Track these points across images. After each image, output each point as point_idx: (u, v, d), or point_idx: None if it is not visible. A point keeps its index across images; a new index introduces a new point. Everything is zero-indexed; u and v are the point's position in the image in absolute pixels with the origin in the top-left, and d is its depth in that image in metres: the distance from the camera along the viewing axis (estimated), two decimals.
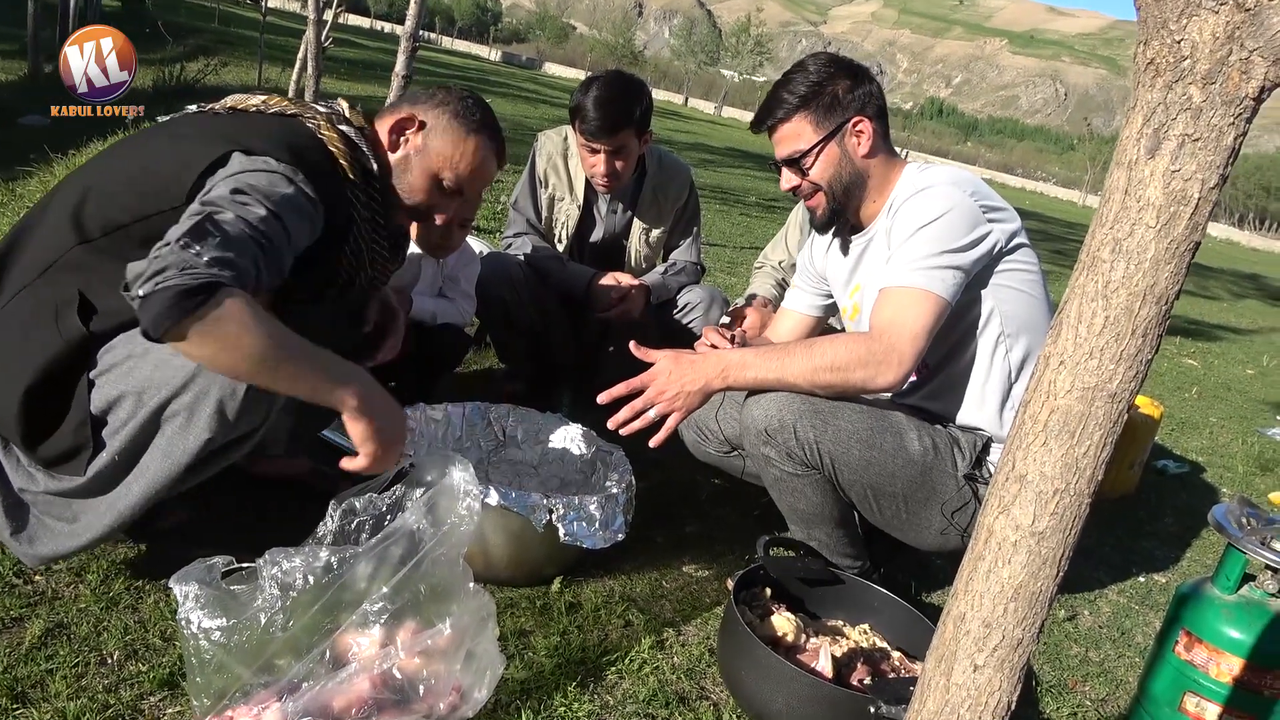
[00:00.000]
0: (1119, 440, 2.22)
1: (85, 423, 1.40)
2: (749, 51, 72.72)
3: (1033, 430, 0.72)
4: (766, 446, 1.78)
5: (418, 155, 1.66)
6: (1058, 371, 0.70)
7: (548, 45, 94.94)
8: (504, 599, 1.75)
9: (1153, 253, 0.65)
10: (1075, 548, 0.73)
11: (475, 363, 3.00)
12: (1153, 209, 0.65)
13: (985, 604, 0.75)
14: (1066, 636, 2.11)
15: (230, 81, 10.06)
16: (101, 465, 1.40)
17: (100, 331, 1.41)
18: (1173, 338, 7.19)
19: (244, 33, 15.15)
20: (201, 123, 1.52)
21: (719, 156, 15.83)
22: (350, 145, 1.57)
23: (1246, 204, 71.39)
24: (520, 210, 2.71)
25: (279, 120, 1.54)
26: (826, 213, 1.92)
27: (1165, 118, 0.64)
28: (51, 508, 1.46)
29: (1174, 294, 0.67)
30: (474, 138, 1.68)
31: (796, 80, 1.86)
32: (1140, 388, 0.70)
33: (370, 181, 1.61)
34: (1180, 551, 2.79)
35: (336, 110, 1.64)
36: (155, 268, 1.20)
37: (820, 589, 1.82)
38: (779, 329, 2.23)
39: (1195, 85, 0.62)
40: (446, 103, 1.68)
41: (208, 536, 1.70)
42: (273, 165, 1.40)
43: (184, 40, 12.99)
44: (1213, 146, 0.63)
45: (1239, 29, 0.60)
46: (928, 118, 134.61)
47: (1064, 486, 0.71)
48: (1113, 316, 0.67)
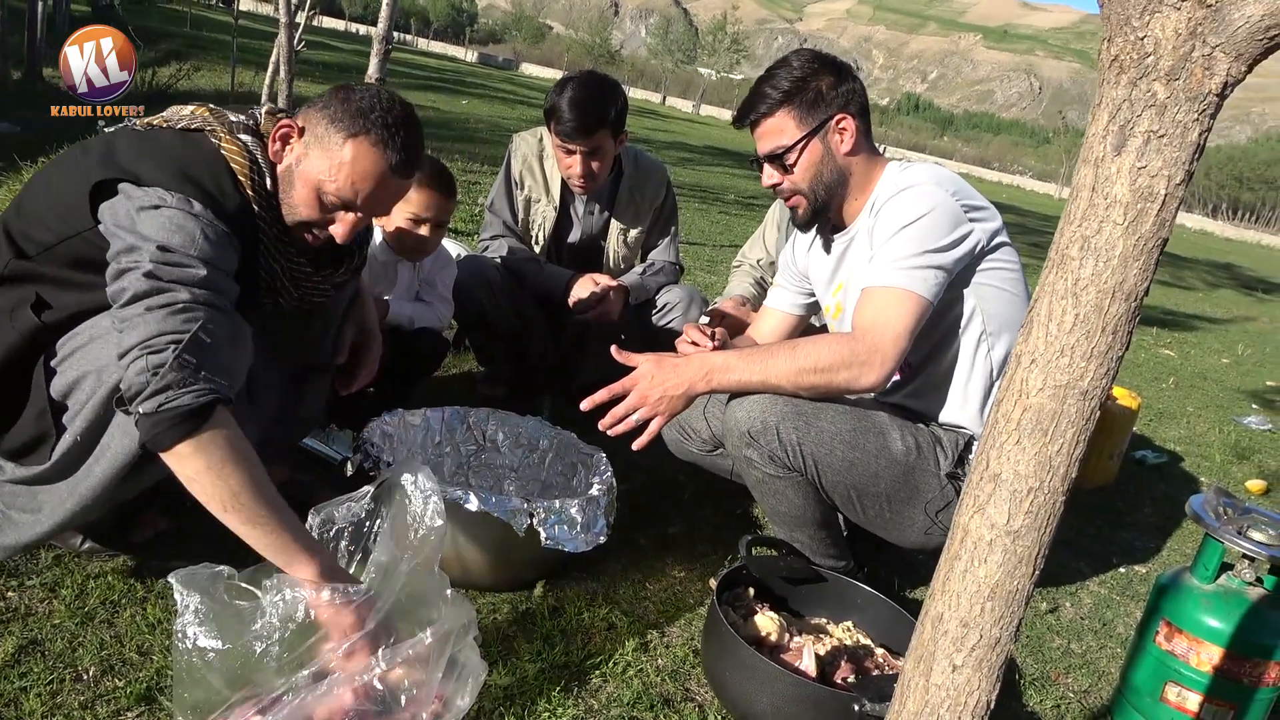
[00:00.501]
0: (1097, 431, 2.23)
1: (45, 411, 1.39)
2: (725, 50, 72.82)
3: (1006, 429, 0.72)
4: (749, 449, 1.77)
5: (298, 166, 1.49)
6: (1029, 370, 0.70)
7: (524, 46, 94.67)
8: (486, 604, 1.74)
9: (1121, 249, 0.65)
10: (1052, 544, 0.72)
11: (454, 366, 2.99)
12: (1120, 206, 0.65)
13: (962, 604, 0.75)
14: (1049, 629, 2.13)
15: (204, 86, 9.96)
16: (65, 448, 1.39)
17: (52, 323, 1.41)
18: (1149, 328, 7.25)
19: (217, 36, 15.02)
20: (111, 141, 1.46)
21: (698, 155, 15.84)
22: (250, 157, 1.48)
23: (1220, 194, 72.22)
24: (496, 213, 2.70)
25: (181, 138, 1.46)
26: (808, 210, 1.91)
27: (1130, 114, 0.64)
28: (16, 499, 1.44)
29: (1143, 290, 0.67)
30: (350, 144, 1.46)
31: (780, 76, 1.85)
32: (1111, 384, 0.70)
33: (272, 196, 1.52)
34: (1160, 541, 2.81)
35: (252, 117, 1.54)
36: (157, 385, 1.24)
37: (803, 587, 1.82)
38: (761, 328, 2.22)
39: (1159, 82, 0.62)
40: (330, 104, 1.49)
41: (185, 548, 1.68)
42: (166, 200, 1.35)
43: (156, 45, 12.85)
44: (1178, 142, 0.63)
45: (1201, 25, 0.60)
46: (904, 113, 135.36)
47: (1038, 485, 0.71)
48: (1083, 314, 0.67)
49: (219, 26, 17.81)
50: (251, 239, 1.48)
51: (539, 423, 2.15)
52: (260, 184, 1.48)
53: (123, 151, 1.42)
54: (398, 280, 2.40)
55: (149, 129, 1.48)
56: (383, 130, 1.47)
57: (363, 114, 1.46)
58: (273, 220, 1.51)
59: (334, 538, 1.48)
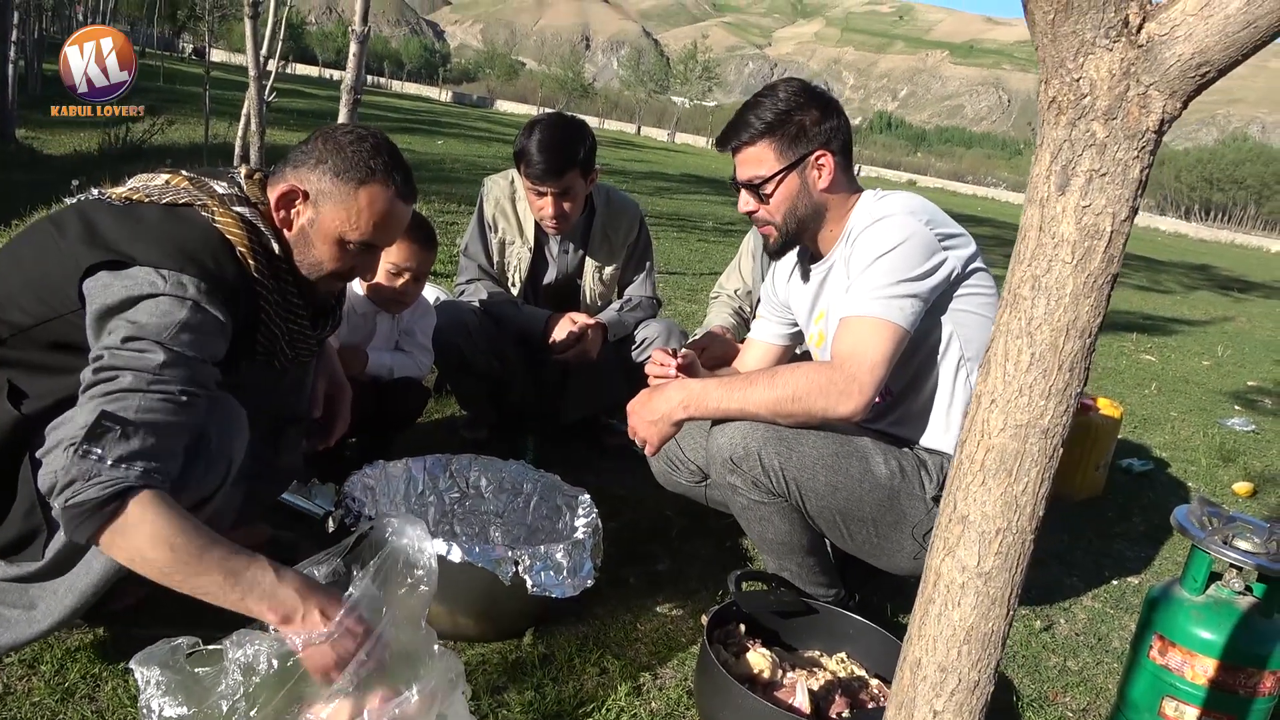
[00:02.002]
0: (1081, 443, 2.24)
1: (35, 507, 1.35)
2: (698, 78, 73.61)
3: (970, 470, 0.72)
4: (732, 475, 1.78)
5: (313, 227, 1.52)
6: (990, 410, 0.70)
7: (498, 83, 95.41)
8: (475, 655, 1.72)
9: (1071, 288, 0.66)
10: (1024, 586, 0.72)
11: (436, 411, 2.97)
12: (1067, 245, 0.66)
13: (939, 648, 0.74)
14: (1044, 647, 2.12)
15: (178, 140, 9.99)
16: (59, 546, 1.36)
17: (33, 413, 1.37)
18: (1129, 334, 7.31)
19: (189, 89, 15.07)
20: (90, 218, 1.42)
21: (674, 184, 15.96)
22: (248, 227, 1.47)
23: (1191, 196, 73.15)
24: (471, 256, 2.70)
25: (169, 216, 1.43)
26: (779, 240, 1.93)
27: (1071, 154, 0.65)
28: (8, 596, 1.40)
29: (1096, 327, 0.67)
30: (364, 189, 1.50)
31: (765, 105, 1.86)
32: (1070, 421, 0.71)
33: (275, 262, 1.51)
34: (1151, 550, 2.81)
35: (233, 189, 1.53)
36: (63, 480, 1.20)
37: (795, 620, 1.81)
38: (747, 360, 2.23)
39: (1097, 121, 0.63)
40: (324, 159, 1.50)
41: (164, 615, 1.65)
42: (159, 286, 1.33)
43: (129, 102, 12.87)
44: (1120, 180, 0.64)
45: (1134, 65, 0.61)
46: (877, 131, 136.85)
47: (1006, 525, 0.71)
48: (1038, 353, 0.67)
49: (192, 79, 17.88)
50: (252, 308, 1.48)
51: (522, 466, 2.14)
52: (262, 253, 1.48)
53: (110, 230, 1.38)
54: (377, 331, 2.40)
55: (128, 204, 1.45)
56: (382, 166, 1.52)
57: (362, 157, 1.50)
58: (276, 287, 1.51)
59: None
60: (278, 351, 1.57)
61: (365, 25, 3.28)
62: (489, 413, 2.78)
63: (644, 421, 1.84)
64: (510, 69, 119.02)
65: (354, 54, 3.28)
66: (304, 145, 1.55)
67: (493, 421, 2.80)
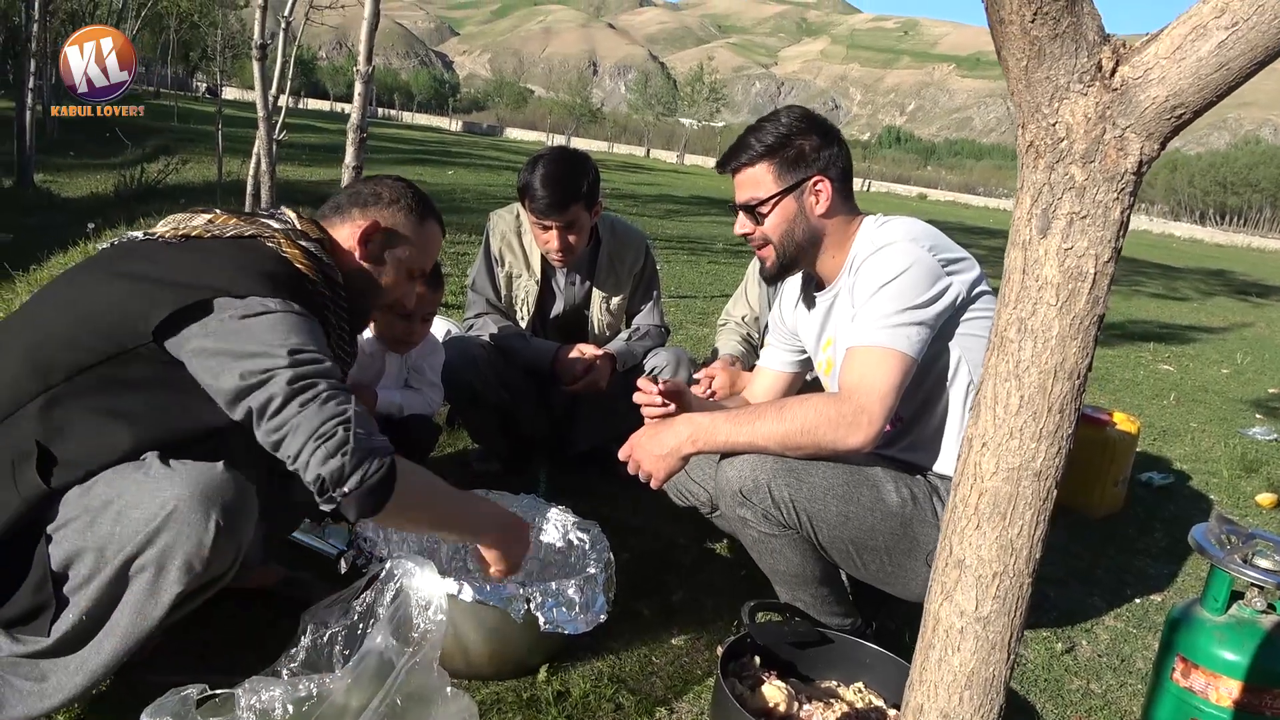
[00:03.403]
0: (1100, 459, 2.21)
1: (46, 580, 1.34)
2: (705, 99, 74.06)
3: (965, 514, 0.71)
4: (742, 508, 1.77)
5: (391, 256, 1.71)
6: (981, 453, 0.70)
7: (507, 111, 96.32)
8: (489, 695, 1.71)
9: (1057, 330, 0.65)
10: (1023, 630, 0.71)
11: (448, 445, 2.98)
12: (1051, 287, 0.66)
13: (940, 694, 0.73)
14: (1066, 670, 2.09)
15: (192, 179, 10.12)
16: (68, 626, 1.34)
17: (61, 486, 1.36)
18: (1146, 343, 7.25)
19: (203, 129, 15.28)
20: (157, 256, 1.48)
21: (684, 205, 16.00)
22: (314, 259, 1.57)
23: (1205, 201, 72.69)
24: (479, 291, 2.72)
25: (238, 246, 1.51)
26: (775, 265, 1.94)
27: (1052, 197, 0.65)
28: (18, 668, 1.38)
29: (1085, 368, 0.67)
30: (427, 225, 1.76)
31: (767, 129, 1.88)
32: (1064, 463, 0.70)
33: (336, 291, 1.60)
34: (1175, 566, 2.77)
35: (289, 223, 1.62)
36: (351, 464, 1.36)
37: (811, 650, 1.79)
38: (756, 388, 2.23)
39: (1075, 165, 0.63)
40: (395, 199, 1.72)
41: (176, 661, 1.66)
42: (269, 305, 1.40)
43: (143, 142, 13.09)
44: (1101, 222, 0.63)
45: (1109, 108, 0.61)
46: (886, 146, 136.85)
47: (1002, 569, 0.70)
48: (1027, 396, 0.67)
49: (206, 118, 18.14)
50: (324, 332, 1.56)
51: (533, 500, 2.14)
52: (328, 282, 1.58)
53: (188, 266, 1.44)
54: (386, 370, 2.41)
55: (186, 240, 1.51)
56: (433, 208, 1.80)
57: (419, 199, 1.77)
58: (336, 311, 1.61)
59: (328, 642, 1.46)
60: None
61: (370, 64, 3.33)
62: (501, 446, 2.79)
63: (651, 455, 1.82)
64: (519, 97, 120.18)
65: (359, 93, 3.33)
66: (364, 188, 1.75)
67: (504, 454, 2.80)
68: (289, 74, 5.31)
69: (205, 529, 1.32)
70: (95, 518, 1.33)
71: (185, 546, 1.32)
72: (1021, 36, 0.61)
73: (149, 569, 1.32)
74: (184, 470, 1.35)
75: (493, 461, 2.79)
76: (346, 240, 1.67)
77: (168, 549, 1.32)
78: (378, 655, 1.37)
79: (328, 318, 1.58)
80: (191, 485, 1.32)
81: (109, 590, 1.34)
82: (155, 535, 1.31)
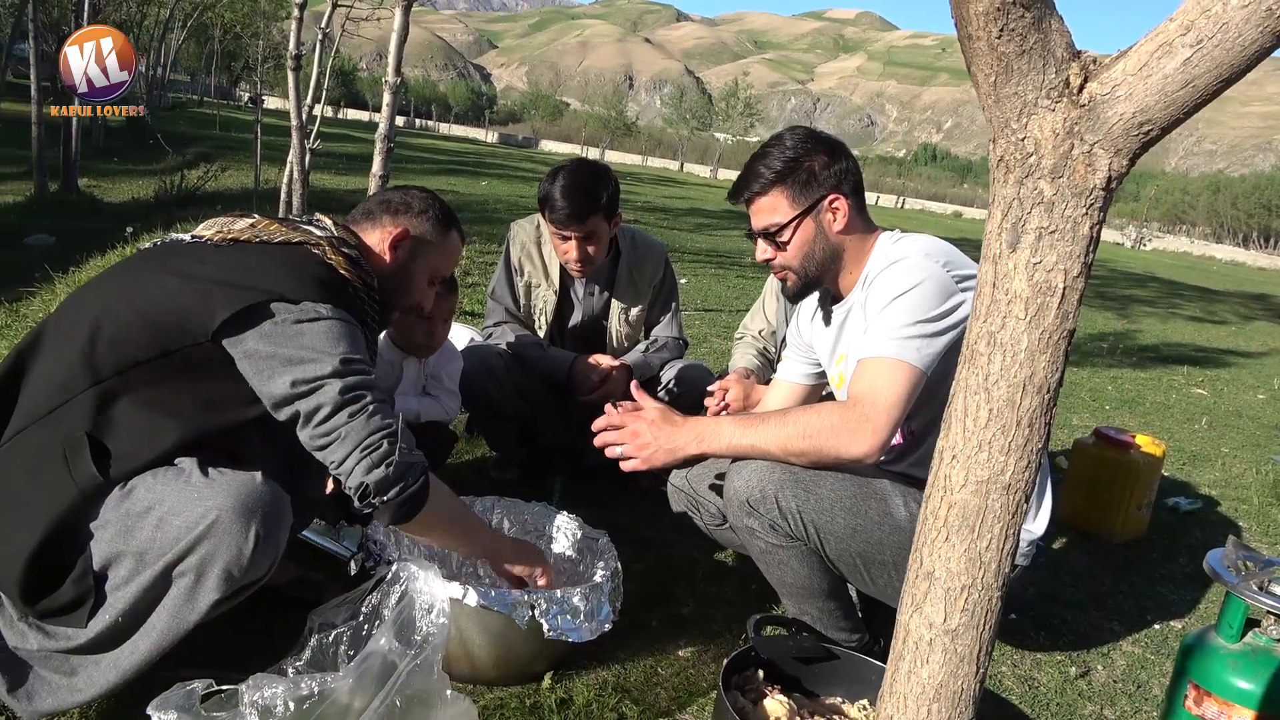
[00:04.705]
0: (1122, 482, 2.18)
1: (88, 573, 1.38)
2: (739, 114, 74.04)
3: (934, 526, 0.71)
4: (749, 518, 1.77)
5: (414, 262, 1.78)
6: (951, 466, 0.70)
7: (542, 124, 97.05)
8: (493, 700, 1.72)
9: (1026, 344, 0.65)
10: (993, 644, 0.71)
11: (466, 452, 3.00)
12: (1020, 301, 0.66)
13: (909, 706, 0.73)
14: (1079, 695, 2.06)
15: (231, 186, 10.31)
16: (104, 624, 1.38)
17: (118, 476, 1.39)
18: (1179, 367, 7.12)
19: (243, 137, 15.56)
20: (207, 257, 1.51)
21: (715, 219, 16.00)
22: (355, 266, 1.63)
23: (1249, 224, 71.31)
24: (499, 300, 2.74)
25: (287, 252, 1.55)
26: (798, 284, 1.94)
27: (1021, 212, 0.65)
28: (49, 661, 1.42)
29: (1054, 382, 0.67)
30: (451, 234, 1.84)
31: (773, 155, 1.88)
32: (1034, 477, 0.70)
33: (372, 296, 1.67)
34: (1197, 593, 2.72)
35: (330, 231, 1.67)
36: (394, 475, 1.46)
37: (816, 666, 1.78)
38: (771, 399, 2.23)
39: (1044, 180, 0.63)
40: (424, 209, 1.79)
41: (191, 656, 1.68)
42: (322, 312, 1.47)
43: (185, 150, 13.37)
44: (1070, 237, 0.63)
45: (1077, 124, 0.61)
46: (921, 163, 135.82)
47: (970, 582, 0.70)
48: (996, 409, 0.67)
49: (247, 126, 18.46)
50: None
51: (544, 508, 2.15)
52: (366, 288, 1.65)
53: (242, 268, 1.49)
54: (404, 377, 2.44)
55: (235, 244, 1.55)
56: (452, 217, 1.85)
57: (443, 209, 1.83)
58: (372, 314, 1.67)
59: (333, 642, 1.48)
60: None
61: (398, 76, 3.39)
62: (518, 454, 2.81)
63: (652, 440, 1.79)
64: (554, 109, 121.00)
65: (386, 104, 3.39)
66: (392, 197, 1.81)
67: (522, 462, 2.82)
68: (324, 84, 5.40)
69: (245, 539, 1.35)
70: (136, 523, 1.37)
71: (225, 555, 1.35)
72: (989, 52, 0.62)
73: (189, 575, 1.36)
74: (224, 480, 1.38)
75: (511, 470, 2.81)
76: (377, 245, 1.74)
77: (208, 557, 1.35)
78: (381, 656, 1.39)
79: (367, 322, 1.63)
80: (233, 496, 1.36)
81: (147, 594, 1.37)
82: (197, 543, 1.34)
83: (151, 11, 21.92)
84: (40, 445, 1.40)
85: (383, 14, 5.27)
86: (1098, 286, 13.97)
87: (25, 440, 1.41)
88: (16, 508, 1.38)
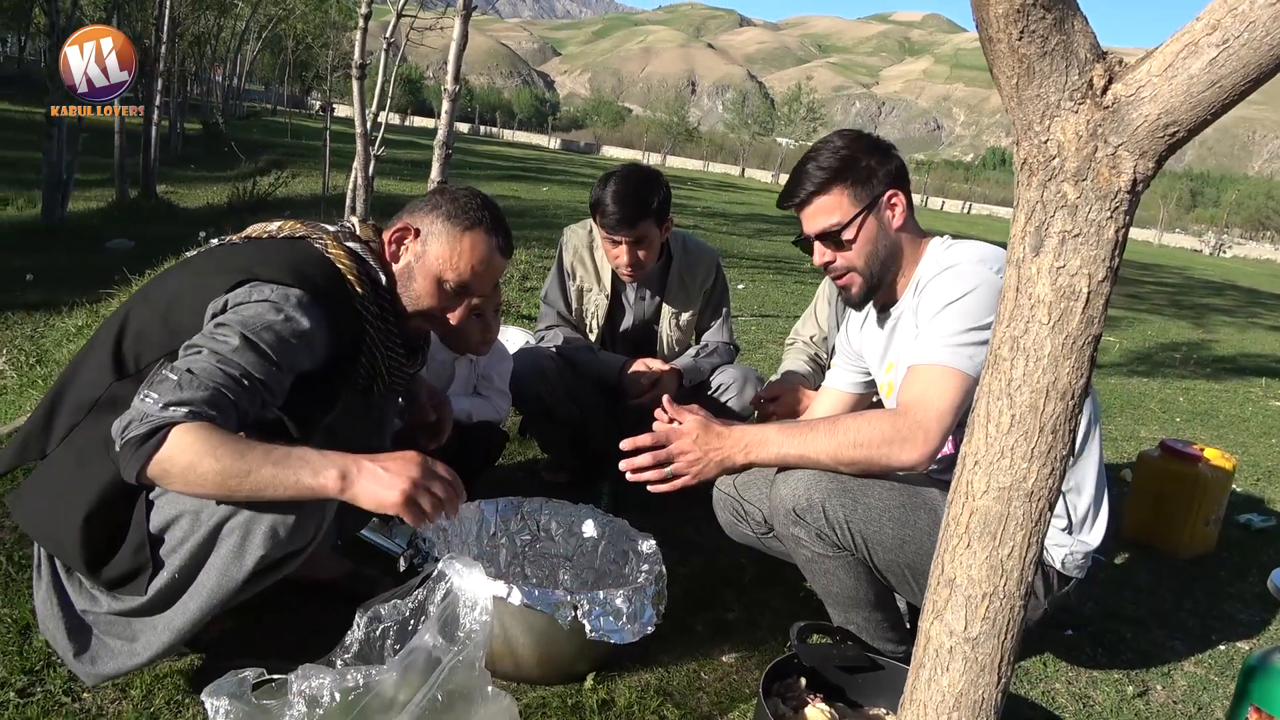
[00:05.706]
0: (1189, 496, 2.12)
1: (144, 544, 1.46)
2: (802, 118, 73.43)
3: (956, 532, 0.70)
4: (796, 527, 1.75)
5: (418, 262, 1.71)
6: (973, 472, 0.69)
7: (604, 130, 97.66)
8: (535, 699, 1.74)
9: (1049, 349, 0.64)
10: (1016, 653, 0.69)
11: (518, 454, 3.04)
12: (1044, 306, 0.64)
13: (930, 714, 0.72)
14: (1136, 715, 1.99)
15: (300, 192, 10.61)
16: (161, 584, 1.46)
17: None
18: (1258, 379, 6.85)
19: (313, 144, 15.97)
20: (220, 257, 1.62)
21: (775, 225, 15.90)
22: (357, 260, 1.65)
23: None
24: (550, 303, 2.78)
25: (287, 244, 1.63)
26: (863, 287, 1.90)
27: (1044, 215, 0.64)
28: (112, 628, 1.52)
29: (1079, 389, 0.65)
30: (468, 235, 1.71)
31: (824, 155, 1.86)
32: (1058, 484, 0.68)
33: (380, 292, 1.67)
34: (1268, 614, 2.62)
35: (345, 228, 1.72)
36: (121, 424, 1.36)
37: (860, 675, 1.76)
38: (819, 407, 2.21)
39: (1068, 183, 0.62)
40: (439, 205, 1.72)
41: (246, 646, 1.74)
42: (266, 294, 1.48)
43: (257, 157, 13.79)
44: (1094, 241, 0.62)
45: (1101, 126, 0.60)
46: (990, 168, 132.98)
47: (992, 590, 0.68)
48: (1019, 415, 0.65)
49: (316, 134, 18.96)
50: (357, 332, 1.63)
51: (591, 510, 2.17)
52: (369, 283, 1.65)
53: (235, 258, 1.57)
54: (456, 376, 2.48)
55: (248, 240, 1.66)
56: (488, 219, 1.73)
57: (472, 209, 1.72)
58: (379, 315, 1.67)
59: (380, 636, 1.52)
60: (377, 376, 1.70)
61: (456, 84, 3.46)
62: (569, 457, 2.83)
63: (701, 453, 1.74)
64: (617, 115, 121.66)
65: (445, 110, 3.45)
66: (422, 197, 1.77)
67: (573, 465, 2.84)
68: (389, 92, 5.53)
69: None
70: None
71: (272, 513, 1.42)
72: (1010, 54, 0.61)
73: (236, 532, 1.43)
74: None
75: (561, 472, 2.83)
76: (385, 245, 1.73)
77: (255, 514, 1.42)
78: (425, 651, 1.42)
79: (367, 320, 1.63)
80: None
81: (199, 552, 1.45)
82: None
83: (228, 24, 22.66)
84: (85, 441, 1.50)
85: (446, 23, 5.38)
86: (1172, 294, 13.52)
87: (71, 441, 1.52)
88: (68, 493, 1.48)
